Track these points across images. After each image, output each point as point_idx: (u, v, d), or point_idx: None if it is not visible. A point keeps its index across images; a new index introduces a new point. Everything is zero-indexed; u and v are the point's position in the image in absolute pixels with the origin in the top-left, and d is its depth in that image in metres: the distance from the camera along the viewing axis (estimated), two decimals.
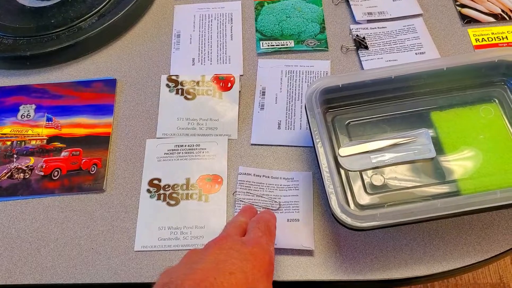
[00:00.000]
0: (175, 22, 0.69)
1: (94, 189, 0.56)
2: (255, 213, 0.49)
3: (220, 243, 0.41)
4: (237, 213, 0.50)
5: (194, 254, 0.41)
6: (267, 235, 0.44)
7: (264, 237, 0.43)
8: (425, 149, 0.53)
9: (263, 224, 0.45)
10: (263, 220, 0.46)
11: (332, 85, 0.53)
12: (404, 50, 0.65)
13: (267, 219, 0.46)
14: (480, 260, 0.51)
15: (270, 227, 0.45)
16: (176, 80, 0.62)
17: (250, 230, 0.44)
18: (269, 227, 0.45)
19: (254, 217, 0.47)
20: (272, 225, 0.46)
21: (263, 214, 0.47)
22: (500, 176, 0.51)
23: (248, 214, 0.48)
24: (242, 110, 0.61)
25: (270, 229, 0.45)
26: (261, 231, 0.44)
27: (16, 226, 0.55)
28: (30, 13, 0.70)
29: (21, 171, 0.58)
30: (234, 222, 0.46)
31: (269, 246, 0.43)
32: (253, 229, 0.44)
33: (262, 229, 0.44)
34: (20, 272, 0.52)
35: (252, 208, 0.50)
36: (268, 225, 0.45)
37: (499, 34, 0.66)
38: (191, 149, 0.58)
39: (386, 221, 0.46)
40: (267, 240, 0.43)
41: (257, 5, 0.70)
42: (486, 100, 0.56)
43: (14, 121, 0.61)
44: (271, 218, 0.47)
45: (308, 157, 0.58)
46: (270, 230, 0.45)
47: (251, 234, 0.43)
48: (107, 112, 0.61)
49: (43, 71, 0.66)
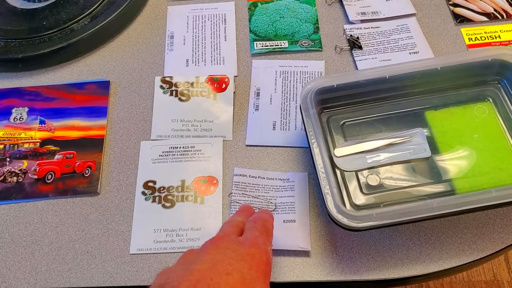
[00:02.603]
0: (168, 23, 0.69)
1: (89, 192, 0.56)
2: (253, 213, 0.48)
3: (217, 243, 0.41)
4: (234, 212, 0.49)
5: (191, 254, 0.41)
6: (264, 235, 0.44)
7: (261, 237, 0.43)
8: (420, 149, 0.53)
9: (260, 224, 0.45)
10: (260, 220, 0.45)
11: (327, 86, 0.53)
12: (397, 49, 0.65)
13: (265, 219, 0.46)
14: (476, 258, 0.51)
15: (267, 227, 0.45)
16: (170, 81, 0.62)
17: (247, 230, 0.44)
18: (267, 227, 0.45)
19: (251, 217, 0.46)
20: (270, 224, 0.46)
21: (260, 214, 0.47)
22: (495, 175, 0.52)
23: (246, 214, 0.47)
24: (236, 111, 0.61)
25: (267, 229, 0.45)
26: (258, 231, 0.44)
27: (10, 230, 0.54)
28: (21, 15, 0.70)
29: (14, 175, 0.57)
30: (231, 222, 0.46)
31: (267, 246, 0.43)
32: (250, 229, 0.44)
33: (259, 229, 0.44)
34: (15, 276, 0.51)
35: (250, 207, 0.50)
36: (265, 225, 0.45)
37: (492, 33, 0.66)
38: (186, 151, 0.58)
39: (383, 221, 0.46)
40: (264, 240, 0.43)
41: (250, 6, 0.70)
42: (480, 99, 0.56)
43: (7, 124, 0.61)
44: (268, 218, 0.47)
45: (304, 157, 0.57)
46: (268, 230, 0.45)
47: (248, 234, 0.43)
48: (100, 114, 0.61)
49: (35, 73, 0.65)
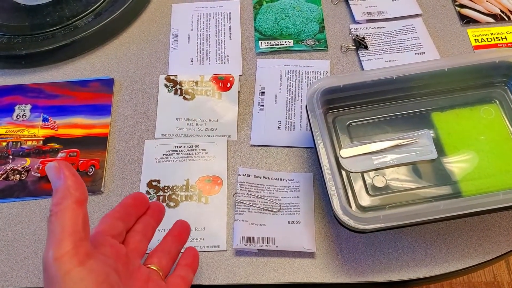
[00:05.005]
0: (173, 21, 0.69)
1: (92, 190, 0.55)
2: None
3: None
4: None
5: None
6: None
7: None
8: (426, 150, 0.53)
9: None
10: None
11: (333, 86, 0.53)
12: (404, 50, 0.64)
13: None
14: (482, 261, 0.51)
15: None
16: (174, 80, 0.62)
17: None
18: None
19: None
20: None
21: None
22: (501, 177, 0.51)
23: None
24: (241, 110, 0.61)
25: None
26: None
27: (13, 229, 0.54)
28: (24, 11, 0.69)
29: (17, 173, 0.57)
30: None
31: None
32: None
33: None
34: (17, 275, 0.51)
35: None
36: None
37: (498, 35, 0.66)
38: (190, 150, 0.57)
39: (389, 223, 0.45)
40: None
41: (255, 4, 0.70)
42: (487, 101, 0.56)
43: (10, 121, 0.60)
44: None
45: (309, 158, 0.57)
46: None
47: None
48: (104, 112, 0.61)
49: (38, 70, 0.65)
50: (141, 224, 0.43)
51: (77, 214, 0.34)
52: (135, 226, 0.42)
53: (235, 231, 0.52)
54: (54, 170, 0.35)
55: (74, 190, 0.34)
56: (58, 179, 0.35)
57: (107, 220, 0.40)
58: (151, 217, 0.44)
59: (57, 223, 0.33)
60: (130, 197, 0.43)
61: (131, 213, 0.42)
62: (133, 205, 0.43)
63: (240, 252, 0.52)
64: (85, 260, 0.33)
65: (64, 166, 0.35)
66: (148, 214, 0.44)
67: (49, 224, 0.34)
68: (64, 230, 0.33)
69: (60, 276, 0.32)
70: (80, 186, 0.35)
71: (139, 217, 0.43)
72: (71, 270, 0.32)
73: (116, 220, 0.40)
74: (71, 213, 0.34)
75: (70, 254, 0.32)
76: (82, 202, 0.35)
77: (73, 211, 0.34)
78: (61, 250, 0.32)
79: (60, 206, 0.34)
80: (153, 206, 0.45)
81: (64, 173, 0.35)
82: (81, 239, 0.33)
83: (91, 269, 0.33)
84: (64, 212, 0.33)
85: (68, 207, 0.34)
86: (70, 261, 0.32)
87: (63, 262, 0.32)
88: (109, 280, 0.34)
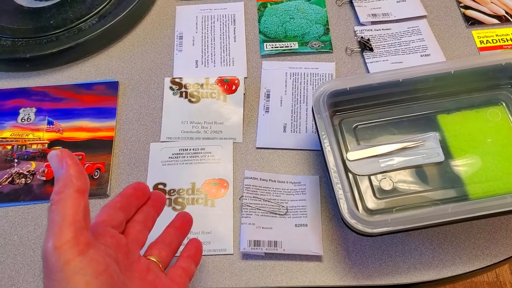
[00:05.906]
0: (177, 23, 0.68)
1: (98, 194, 0.55)
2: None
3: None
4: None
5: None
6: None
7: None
8: (433, 153, 0.52)
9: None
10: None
11: (339, 88, 0.53)
12: (409, 52, 0.64)
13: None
14: (489, 264, 0.51)
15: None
16: (179, 82, 0.62)
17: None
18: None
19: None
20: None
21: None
22: (509, 180, 0.51)
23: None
24: (246, 113, 0.61)
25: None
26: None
27: (19, 233, 0.53)
28: (28, 14, 0.69)
29: (22, 176, 0.56)
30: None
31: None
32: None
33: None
34: (24, 279, 0.51)
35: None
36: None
37: (504, 36, 0.66)
38: (196, 153, 0.57)
39: (397, 227, 0.45)
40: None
41: (260, 6, 0.70)
42: (493, 103, 0.56)
43: (14, 124, 0.60)
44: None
45: (315, 160, 0.57)
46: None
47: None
48: (109, 115, 0.60)
49: (43, 73, 0.64)
50: (142, 214, 0.42)
51: (78, 203, 0.33)
52: (136, 216, 0.42)
53: (242, 235, 0.52)
54: (57, 159, 0.34)
55: (76, 179, 0.34)
56: (60, 168, 0.34)
57: (107, 210, 0.39)
58: (151, 207, 0.43)
59: (57, 211, 0.33)
60: (130, 187, 0.42)
61: (132, 203, 0.41)
62: (134, 195, 0.42)
63: (247, 256, 0.51)
64: (85, 249, 0.32)
65: (67, 155, 0.34)
66: (148, 204, 0.43)
67: (50, 212, 0.33)
68: (65, 219, 0.32)
69: (60, 265, 0.31)
70: (82, 176, 0.34)
71: (140, 207, 0.43)
72: (71, 259, 0.31)
73: (116, 210, 0.40)
74: (72, 202, 0.33)
75: (71, 243, 0.32)
76: (84, 191, 0.34)
77: (74, 200, 0.33)
78: (61, 239, 0.32)
79: (61, 195, 0.33)
80: (154, 196, 0.44)
81: (67, 162, 0.34)
82: (82, 228, 0.33)
83: (91, 258, 0.32)
84: (65, 201, 0.33)
85: (69, 196, 0.33)
86: (70, 251, 0.32)
87: (63, 251, 0.32)
88: (109, 270, 0.33)
